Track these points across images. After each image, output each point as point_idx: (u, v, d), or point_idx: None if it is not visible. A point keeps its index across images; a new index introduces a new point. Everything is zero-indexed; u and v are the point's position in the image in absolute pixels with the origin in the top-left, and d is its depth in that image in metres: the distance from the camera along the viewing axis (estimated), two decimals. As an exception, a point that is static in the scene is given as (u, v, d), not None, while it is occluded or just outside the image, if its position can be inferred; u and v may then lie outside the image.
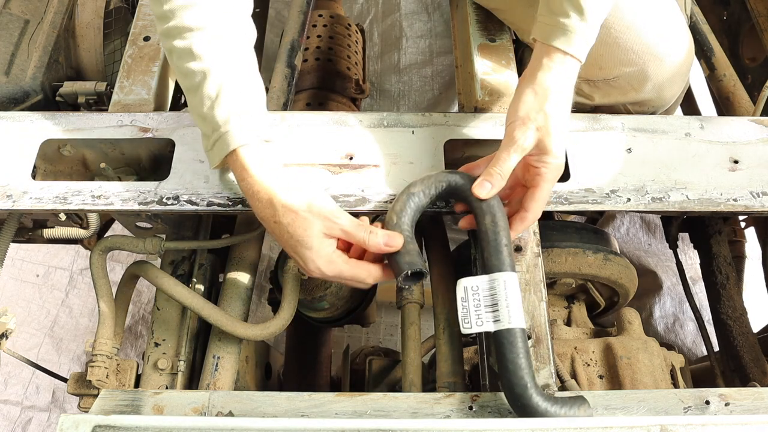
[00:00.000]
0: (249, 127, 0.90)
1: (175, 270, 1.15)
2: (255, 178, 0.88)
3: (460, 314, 0.86)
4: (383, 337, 2.16)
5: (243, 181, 0.90)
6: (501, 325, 0.83)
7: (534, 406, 0.80)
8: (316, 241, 0.87)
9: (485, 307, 0.85)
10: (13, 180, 1.00)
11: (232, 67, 0.90)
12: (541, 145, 0.92)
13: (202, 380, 1.05)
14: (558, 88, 0.93)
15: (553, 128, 0.92)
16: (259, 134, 0.91)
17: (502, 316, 0.84)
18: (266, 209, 0.88)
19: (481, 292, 0.86)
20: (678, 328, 2.19)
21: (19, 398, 2.07)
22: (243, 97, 0.91)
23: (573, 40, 0.93)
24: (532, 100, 0.93)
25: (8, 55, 1.20)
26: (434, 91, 2.59)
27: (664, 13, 1.15)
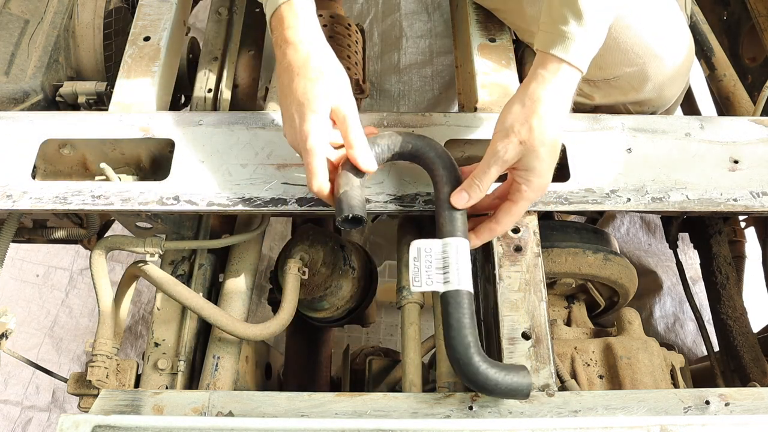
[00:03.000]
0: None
1: (175, 270, 1.15)
2: (300, 32, 0.90)
3: (411, 273, 0.87)
4: (383, 337, 2.16)
5: (282, 32, 0.92)
6: (450, 287, 0.85)
7: (475, 366, 0.82)
8: (322, 111, 0.89)
9: (436, 269, 0.87)
10: (13, 180, 1.00)
11: None
12: (525, 160, 0.89)
13: (202, 380, 1.05)
14: (550, 100, 0.89)
15: (538, 143, 0.88)
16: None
17: (451, 278, 0.86)
18: (297, 60, 0.90)
19: (433, 254, 0.88)
20: (678, 328, 2.19)
21: (19, 398, 2.06)
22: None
23: (570, 47, 0.89)
24: (519, 111, 0.89)
25: (8, 55, 1.20)
26: (434, 91, 2.59)
27: (664, 13, 1.15)
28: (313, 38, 0.92)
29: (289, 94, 0.90)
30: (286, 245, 1.21)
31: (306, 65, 0.90)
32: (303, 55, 0.90)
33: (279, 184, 1.00)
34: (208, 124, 1.06)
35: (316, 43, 0.92)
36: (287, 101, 0.91)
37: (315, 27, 0.94)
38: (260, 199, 0.99)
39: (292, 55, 0.91)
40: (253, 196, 0.99)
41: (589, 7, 0.88)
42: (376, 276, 1.32)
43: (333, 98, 0.89)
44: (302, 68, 0.90)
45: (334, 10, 1.74)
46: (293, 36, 0.91)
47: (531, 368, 0.90)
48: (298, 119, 0.89)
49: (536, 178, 0.89)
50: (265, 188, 1.00)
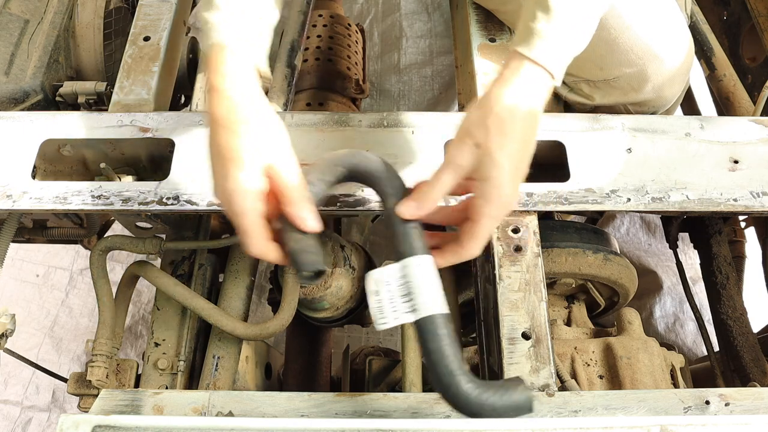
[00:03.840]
0: (235, 32, 0.84)
1: (175, 270, 1.15)
2: (227, 80, 0.81)
3: (374, 310, 0.78)
4: (383, 337, 2.16)
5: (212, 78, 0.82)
6: (419, 314, 0.76)
7: (464, 395, 0.73)
8: (251, 163, 0.78)
9: (400, 296, 0.77)
10: (13, 180, 1.00)
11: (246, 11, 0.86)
12: (481, 168, 0.78)
13: (202, 380, 1.05)
14: (510, 100, 0.79)
15: (495, 146, 0.77)
16: (244, 43, 0.85)
17: (419, 304, 0.76)
18: (223, 111, 0.80)
19: (393, 282, 0.78)
20: (678, 327, 2.19)
21: (19, 398, 2.06)
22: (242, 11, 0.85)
23: (534, 43, 0.80)
24: (476, 112, 0.80)
25: (8, 55, 1.20)
26: (434, 91, 2.59)
27: (664, 13, 1.15)
28: (243, 86, 0.82)
29: (213, 147, 0.80)
30: (286, 245, 1.21)
31: (231, 115, 0.79)
32: (229, 104, 0.80)
33: (279, 184, 1.00)
34: (208, 124, 1.06)
35: (247, 91, 0.82)
36: (211, 155, 0.81)
37: (247, 74, 0.84)
38: (260, 199, 0.99)
39: (218, 104, 0.80)
40: (253, 196, 0.99)
41: (559, 1, 0.81)
42: (376, 276, 1.31)
43: (265, 154, 0.79)
44: (227, 119, 0.79)
45: (334, 10, 1.74)
46: (220, 83, 0.81)
47: (531, 368, 0.90)
48: (222, 177, 0.78)
49: (494, 189, 0.78)
50: (265, 188, 1.00)
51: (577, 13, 0.83)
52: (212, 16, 0.85)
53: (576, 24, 0.83)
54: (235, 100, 0.81)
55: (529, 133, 0.81)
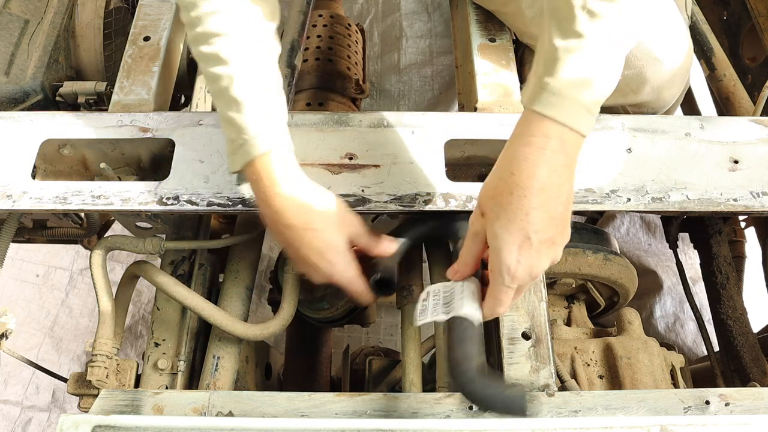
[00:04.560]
0: (275, 134, 0.88)
1: (175, 270, 1.15)
2: (282, 185, 0.87)
3: (417, 311, 0.89)
4: (383, 337, 2.16)
5: (267, 188, 0.87)
6: (453, 314, 0.86)
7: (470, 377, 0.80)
8: (343, 245, 0.91)
9: (443, 305, 0.88)
10: (13, 180, 1.00)
11: (258, 73, 0.89)
12: (487, 237, 0.82)
13: (202, 380, 1.05)
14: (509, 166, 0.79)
15: (493, 219, 0.80)
16: (284, 141, 0.90)
17: (455, 308, 0.86)
18: (297, 216, 0.88)
19: (441, 294, 0.90)
20: (678, 327, 2.19)
21: (19, 398, 2.06)
22: (269, 104, 0.89)
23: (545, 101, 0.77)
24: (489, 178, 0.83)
25: (8, 55, 1.20)
26: (434, 91, 2.59)
27: (663, 15, 1.15)
28: (298, 183, 0.89)
29: (304, 248, 0.90)
30: (286, 245, 1.21)
31: (307, 217, 0.88)
32: (300, 208, 0.88)
33: (279, 184, 1.00)
34: (208, 124, 1.06)
35: (303, 186, 0.90)
36: (304, 253, 0.90)
37: (296, 171, 0.91)
38: (260, 199, 0.99)
39: (290, 211, 0.88)
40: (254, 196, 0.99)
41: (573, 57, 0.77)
42: (376, 276, 1.31)
43: (346, 231, 0.92)
44: (306, 221, 0.88)
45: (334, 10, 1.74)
46: (280, 189, 0.87)
47: (531, 368, 0.90)
48: (327, 265, 0.91)
49: (494, 257, 0.81)
50: (265, 188, 1.00)
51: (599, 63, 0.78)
52: (243, 119, 0.87)
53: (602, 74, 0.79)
54: (300, 201, 0.88)
55: (537, 199, 0.78)
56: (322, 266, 0.91)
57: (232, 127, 0.88)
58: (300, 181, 0.90)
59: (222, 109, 0.89)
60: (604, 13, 0.76)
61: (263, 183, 0.88)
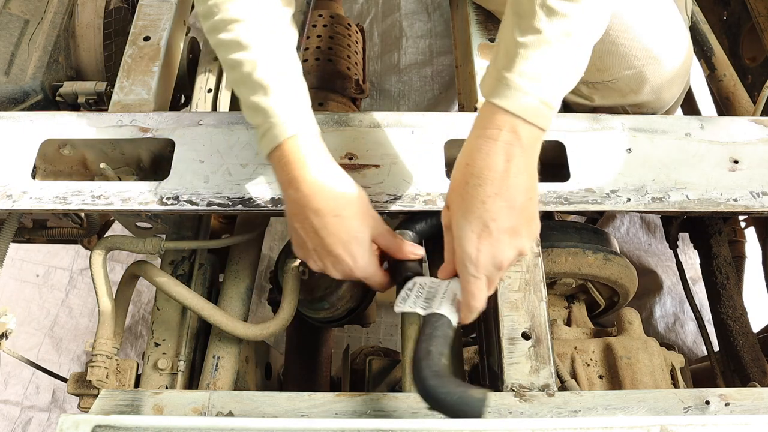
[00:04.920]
0: (302, 117, 0.87)
1: (175, 270, 1.15)
2: (312, 169, 0.85)
3: (400, 297, 0.90)
4: (383, 337, 2.16)
5: (295, 171, 0.85)
6: (429, 311, 0.87)
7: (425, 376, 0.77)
8: (368, 238, 0.89)
9: (424, 299, 0.89)
10: (13, 180, 1.00)
11: (280, 57, 0.88)
12: (453, 228, 0.84)
13: (202, 380, 1.05)
14: (465, 158, 0.82)
15: (455, 209, 0.83)
16: (312, 125, 0.89)
17: (433, 305, 0.87)
18: (326, 201, 0.85)
19: (425, 288, 0.90)
20: (678, 327, 2.19)
21: (19, 398, 2.07)
22: (294, 88, 0.88)
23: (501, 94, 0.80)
24: (453, 172, 0.85)
25: (8, 55, 1.20)
26: (434, 91, 2.59)
27: (663, 15, 1.15)
28: (326, 169, 0.87)
29: (328, 236, 0.86)
30: (286, 245, 1.21)
31: (334, 203, 0.86)
32: (326, 193, 0.86)
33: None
34: (208, 124, 1.06)
35: (331, 172, 0.88)
36: (328, 243, 0.87)
37: (323, 153, 0.88)
38: (260, 199, 0.99)
39: (316, 196, 0.85)
40: (253, 196, 0.99)
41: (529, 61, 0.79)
42: (376, 276, 1.31)
43: (371, 225, 0.90)
44: (333, 207, 0.86)
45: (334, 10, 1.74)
46: (307, 174, 0.85)
47: (531, 368, 0.90)
48: (350, 258, 0.88)
49: (458, 248, 0.83)
50: (265, 188, 1.00)
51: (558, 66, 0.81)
52: (270, 102, 0.85)
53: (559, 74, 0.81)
54: (329, 186, 0.86)
55: (493, 187, 0.80)
56: (345, 258, 0.88)
57: (257, 112, 0.86)
58: (330, 166, 0.88)
59: (245, 95, 0.88)
60: (564, 11, 0.78)
61: (292, 166, 0.85)
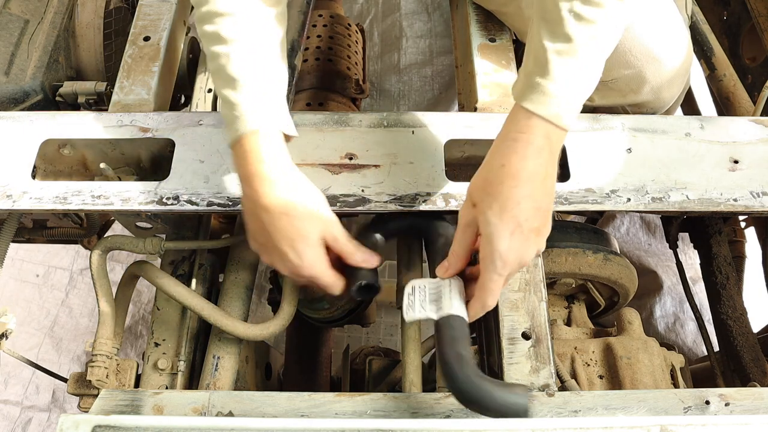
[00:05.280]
0: (268, 113, 0.89)
1: (175, 270, 1.15)
2: (267, 165, 0.87)
3: (405, 305, 0.89)
4: (383, 337, 2.16)
5: (251, 166, 0.87)
6: (442, 314, 0.86)
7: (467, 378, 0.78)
8: (315, 239, 0.89)
9: (430, 301, 0.88)
10: (13, 180, 1.00)
11: (258, 54, 0.90)
12: (479, 226, 0.84)
13: (202, 380, 1.05)
14: (499, 158, 0.83)
15: (486, 208, 0.83)
16: (275, 122, 0.90)
17: (444, 306, 0.86)
18: (276, 200, 0.87)
19: (427, 290, 0.90)
20: (678, 327, 2.19)
21: (19, 398, 2.07)
22: (266, 84, 0.90)
23: (534, 98, 0.82)
24: (478, 171, 0.86)
25: (8, 55, 1.20)
26: (434, 91, 2.59)
27: (663, 15, 1.15)
28: (283, 167, 0.89)
29: (276, 233, 0.88)
30: (286, 245, 1.21)
31: (285, 201, 0.87)
32: (279, 191, 0.87)
33: (279, 184, 1.00)
34: (208, 124, 1.06)
35: (288, 172, 0.90)
36: (275, 239, 0.88)
37: (282, 153, 0.90)
38: (260, 199, 0.99)
39: (269, 192, 0.87)
40: (253, 196, 0.99)
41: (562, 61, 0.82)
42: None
43: (321, 227, 0.89)
44: (283, 205, 0.87)
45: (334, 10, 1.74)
46: (263, 170, 0.87)
47: (531, 368, 0.90)
48: (295, 256, 0.88)
49: (487, 245, 0.83)
50: (265, 188, 1.00)
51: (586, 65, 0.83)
52: (237, 96, 0.88)
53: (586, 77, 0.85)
54: (281, 184, 0.87)
55: (527, 188, 0.82)
56: (291, 256, 0.89)
57: (226, 104, 0.89)
58: (286, 166, 0.90)
59: (218, 87, 0.91)
60: (591, 17, 0.80)
61: (248, 161, 0.87)
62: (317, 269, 0.90)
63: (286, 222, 0.88)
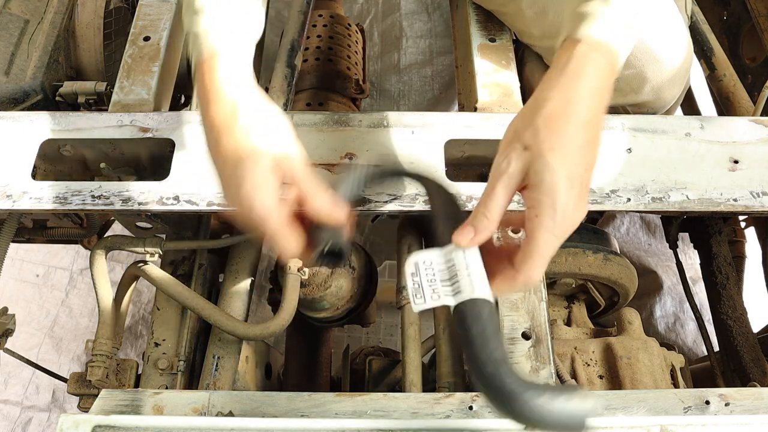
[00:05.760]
0: (226, 37, 0.80)
1: (175, 270, 1.15)
2: (224, 86, 0.77)
3: (411, 290, 0.71)
4: (383, 337, 2.16)
5: (206, 89, 0.77)
6: (462, 297, 0.68)
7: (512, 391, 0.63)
8: (263, 166, 0.72)
9: (441, 281, 0.70)
10: (13, 180, 1.00)
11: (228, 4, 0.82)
12: (532, 173, 0.69)
13: (202, 380, 1.05)
14: (563, 92, 0.70)
15: (547, 149, 0.68)
16: (237, 47, 0.81)
17: (462, 287, 0.69)
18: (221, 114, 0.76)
19: (435, 266, 0.71)
20: (678, 327, 2.19)
21: (19, 398, 2.06)
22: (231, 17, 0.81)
23: (590, 23, 0.72)
24: (523, 114, 0.72)
25: (8, 55, 1.20)
26: (434, 91, 2.59)
27: (663, 14, 1.15)
28: (239, 85, 0.78)
29: (219, 156, 0.75)
30: (286, 245, 1.21)
31: (233, 118, 0.75)
32: (226, 108, 0.76)
33: (279, 184, 1.00)
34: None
35: (244, 90, 0.78)
36: (219, 164, 0.76)
37: (243, 75, 0.80)
38: (260, 199, 0.99)
39: (216, 110, 0.76)
40: (253, 196, 0.99)
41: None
42: (376, 276, 1.32)
43: (273, 149, 0.74)
44: (230, 123, 0.75)
45: (334, 10, 1.74)
46: (215, 90, 0.77)
47: (531, 368, 0.90)
48: (236, 183, 0.72)
49: (546, 196, 0.67)
50: (265, 188, 1.00)
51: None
52: (197, 24, 0.80)
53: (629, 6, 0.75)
54: (232, 101, 0.76)
55: (590, 132, 0.70)
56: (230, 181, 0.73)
57: (192, 40, 0.81)
58: (247, 89, 0.78)
59: (187, 26, 0.83)
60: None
61: (204, 85, 0.78)
62: (262, 206, 0.71)
63: (229, 141, 0.74)
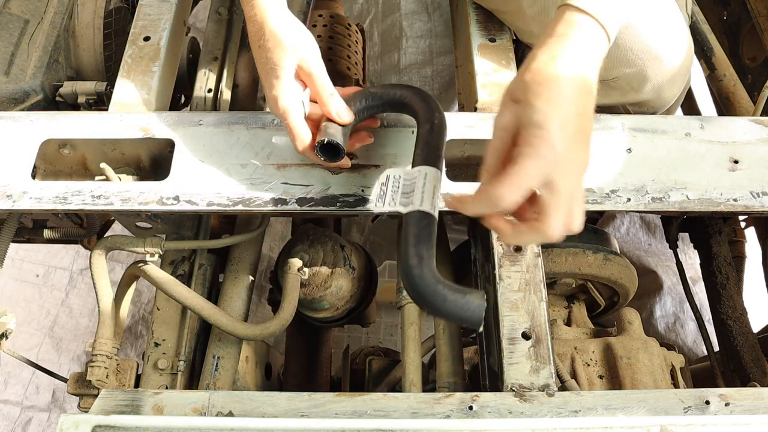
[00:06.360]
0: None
1: (175, 270, 1.15)
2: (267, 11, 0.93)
3: (375, 194, 0.88)
4: (383, 337, 2.16)
5: (247, 5, 0.95)
6: (411, 208, 0.84)
7: (422, 278, 0.76)
8: (289, 75, 0.92)
9: (402, 194, 0.86)
10: (13, 180, 1.00)
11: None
12: (524, 120, 0.75)
13: (202, 380, 1.05)
14: (548, 51, 0.76)
15: (534, 98, 0.74)
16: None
17: (414, 200, 0.84)
18: (258, 30, 0.94)
19: (402, 181, 0.88)
20: (679, 327, 2.19)
21: (19, 398, 2.07)
22: None
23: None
24: (515, 77, 0.79)
25: (8, 55, 1.20)
26: (434, 91, 2.59)
27: (664, 13, 1.15)
28: (267, 6, 0.94)
29: (257, 67, 0.95)
30: (286, 245, 1.21)
31: (262, 34, 0.93)
32: (258, 26, 0.94)
33: (279, 184, 1.00)
34: (208, 124, 1.06)
35: (271, 9, 0.94)
36: (260, 74, 0.95)
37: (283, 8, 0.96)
38: (260, 199, 0.99)
39: (251, 28, 0.95)
40: (253, 196, 1.00)
41: None
42: (376, 276, 1.32)
43: (294, 59, 0.92)
44: (260, 38, 0.93)
45: (334, 10, 1.74)
46: (250, 9, 0.95)
47: (531, 368, 0.90)
48: (268, 88, 0.93)
49: (536, 129, 0.72)
50: (265, 188, 1.00)
51: None
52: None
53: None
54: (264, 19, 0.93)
55: (578, 83, 0.75)
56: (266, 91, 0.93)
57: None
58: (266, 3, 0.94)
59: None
60: None
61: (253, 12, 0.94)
62: (287, 102, 0.91)
63: (259, 54, 0.94)
